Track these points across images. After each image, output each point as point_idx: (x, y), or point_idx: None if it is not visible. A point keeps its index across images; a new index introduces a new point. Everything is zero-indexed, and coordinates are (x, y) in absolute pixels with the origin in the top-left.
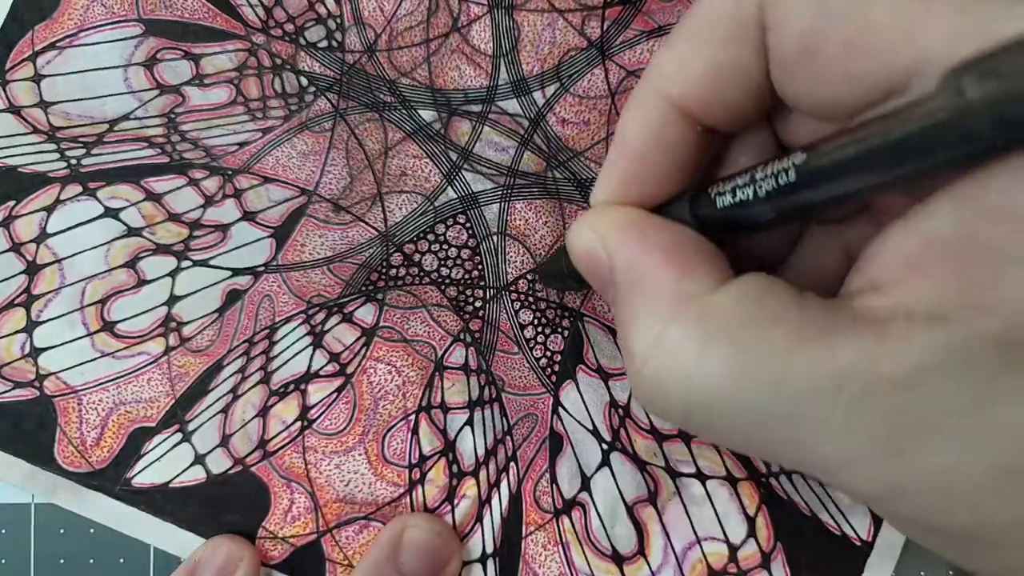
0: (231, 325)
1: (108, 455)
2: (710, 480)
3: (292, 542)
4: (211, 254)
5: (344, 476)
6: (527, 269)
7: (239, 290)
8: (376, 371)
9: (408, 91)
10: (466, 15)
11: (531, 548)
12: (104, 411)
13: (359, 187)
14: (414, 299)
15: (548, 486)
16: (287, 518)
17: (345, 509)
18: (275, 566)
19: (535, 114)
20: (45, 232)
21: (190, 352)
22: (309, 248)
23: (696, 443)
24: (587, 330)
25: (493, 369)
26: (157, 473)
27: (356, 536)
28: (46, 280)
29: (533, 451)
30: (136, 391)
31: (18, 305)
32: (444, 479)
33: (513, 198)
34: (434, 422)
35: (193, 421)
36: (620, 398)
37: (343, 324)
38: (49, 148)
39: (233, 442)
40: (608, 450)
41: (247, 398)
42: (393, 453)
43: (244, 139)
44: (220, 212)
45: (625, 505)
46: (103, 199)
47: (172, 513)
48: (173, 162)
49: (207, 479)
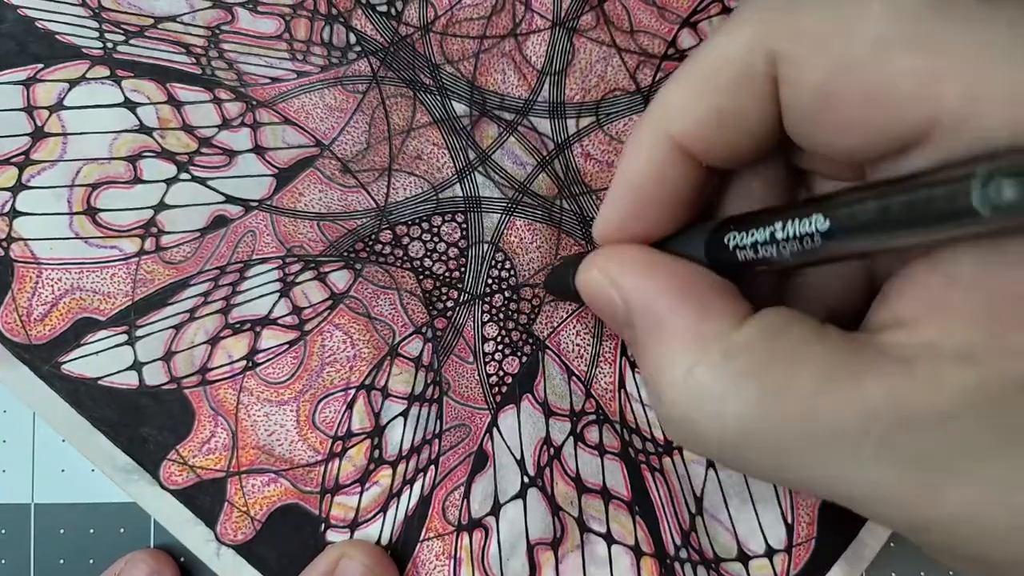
0: (209, 249)
1: (49, 333)
2: (616, 545)
3: (199, 473)
4: (212, 175)
5: (269, 426)
6: (527, 278)
7: (227, 217)
8: (332, 336)
9: (448, 79)
10: (528, 24)
11: (424, 554)
12: (59, 291)
13: (372, 156)
14: (390, 279)
15: (459, 500)
16: (203, 448)
17: (260, 458)
18: (174, 491)
19: (563, 140)
20: (62, 103)
21: (162, 262)
22: (306, 199)
23: (614, 505)
24: (545, 363)
25: (443, 371)
26: (90, 366)
27: (261, 487)
28: (47, 149)
29: (456, 461)
30: (97, 282)
31: (13, 164)
32: (363, 461)
33: (516, 214)
34: (371, 403)
35: (143, 328)
36: (556, 438)
37: (315, 282)
38: (91, 25)
39: (176, 360)
40: (528, 484)
41: (202, 323)
42: (323, 420)
43: (278, 75)
44: (233, 137)
45: (527, 542)
46: (126, 89)
47: (89, 409)
48: (204, 75)
49: (138, 387)
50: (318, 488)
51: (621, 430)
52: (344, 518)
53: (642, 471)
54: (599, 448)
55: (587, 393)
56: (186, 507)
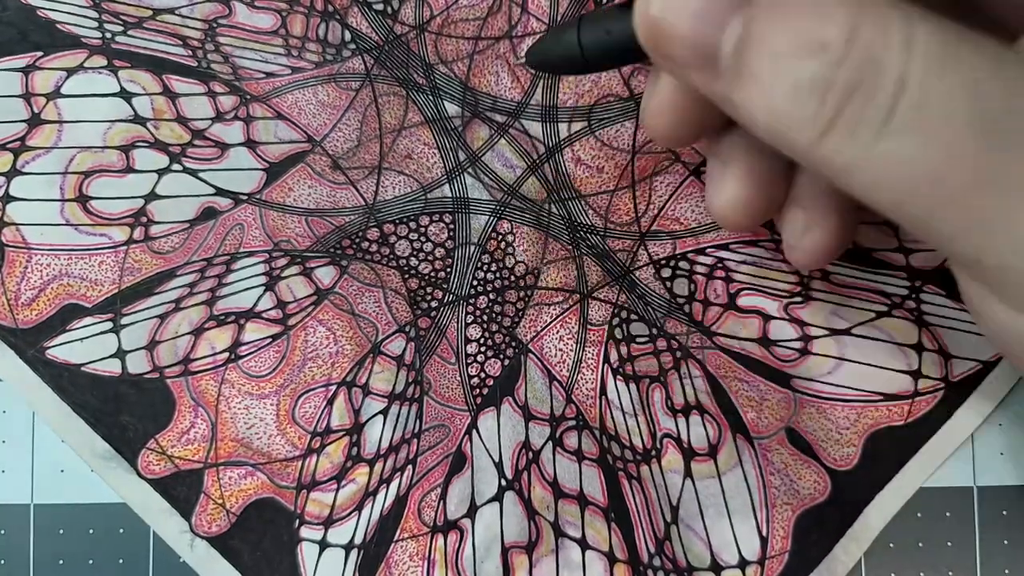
0: (197, 240)
1: (35, 318)
2: (590, 551)
3: (177, 463)
4: (203, 166)
5: (249, 419)
6: (513, 281)
7: (216, 209)
8: (315, 332)
9: (441, 79)
10: (523, 26)
11: (397, 553)
12: (48, 276)
13: (363, 154)
14: (375, 277)
15: (436, 501)
16: (182, 439)
17: (239, 450)
18: (151, 480)
19: (554, 144)
20: (59, 91)
21: (150, 251)
22: (295, 194)
23: (590, 511)
24: (527, 366)
25: (425, 371)
26: (74, 352)
27: (238, 480)
28: (43, 136)
29: (434, 462)
30: (85, 269)
31: (8, 150)
32: (340, 457)
33: (503, 216)
34: (351, 400)
35: (128, 316)
36: (535, 442)
37: (300, 277)
38: (91, 15)
39: (159, 349)
40: (505, 487)
41: (187, 313)
42: (302, 415)
43: (272, 70)
44: (226, 130)
45: (502, 545)
46: (122, 79)
47: (71, 395)
48: (200, 68)
49: (120, 375)
50: (294, 483)
51: (600, 437)
52: (319, 515)
53: (619, 478)
54: (577, 454)
55: (568, 398)
56: (162, 497)
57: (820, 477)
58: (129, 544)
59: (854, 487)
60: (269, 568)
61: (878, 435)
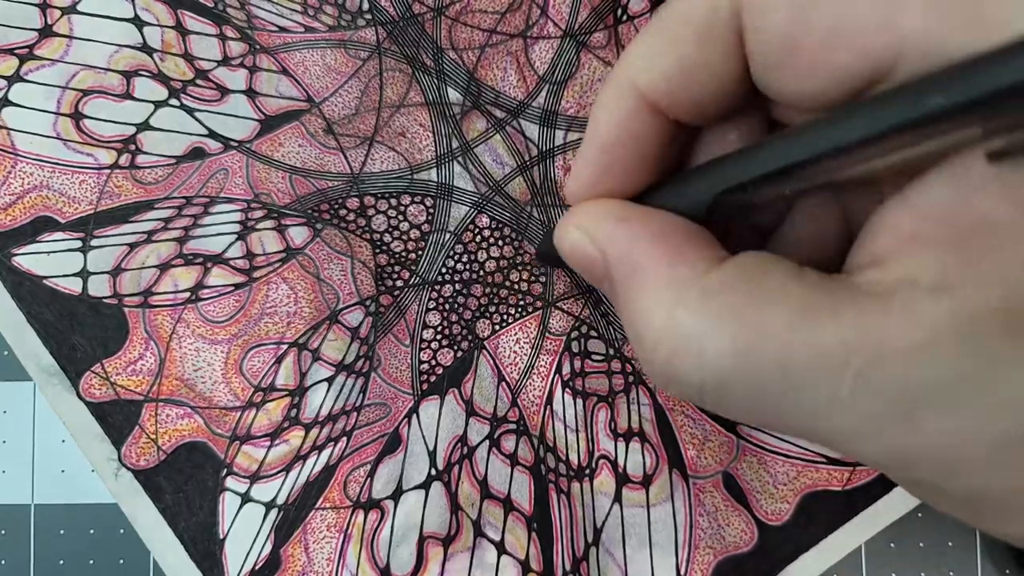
0: (180, 177)
1: (9, 223)
2: (506, 556)
3: (119, 391)
4: (200, 106)
5: (198, 362)
6: (480, 276)
7: (205, 151)
8: (278, 288)
9: (449, 65)
10: (539, 28)
11: (316, 521)
12: (28, 185)
13: (358, 123)
14: (347, 246)
15: (363, 477)
16: (128, 368)
17: (181, 390)
18: (89, 403)
19: (547, 149)
20: (75, 7)
21: (132, 179)
22: (284, 150)
23: (513, 517)
24: (479, 362)
25: (377, 347)
26: (39, 264)
27: (175, 420)
28: (51, 48)
29: (369, 438)
30: (65, 184)
31: (16, 55)
32: (279, 416)
33: (484, 211)
34: (300, 362)
35: (99, 239)
36: (472, 438)
37: (274, 232)
38: None
39: (123, 277)
40: (435, 477)
41: (157, 247)
42: (249, 368)
43: (286, 26)
44: (229, 75)
45: (420, 533)
46: (138, 6)
47: (28, 304)
48: (215, 9)
49: (80, 295)
50: (229, 433)
51: (538, 446)
52: (247, 468)
53: (549, 490)
54: (512, 458)
55: (513, 401)
56: (97, 421)
57: (748, 527)
58: (129, 544)
59: (780, 543)
60: (188, 510)
61: (814, 496)
